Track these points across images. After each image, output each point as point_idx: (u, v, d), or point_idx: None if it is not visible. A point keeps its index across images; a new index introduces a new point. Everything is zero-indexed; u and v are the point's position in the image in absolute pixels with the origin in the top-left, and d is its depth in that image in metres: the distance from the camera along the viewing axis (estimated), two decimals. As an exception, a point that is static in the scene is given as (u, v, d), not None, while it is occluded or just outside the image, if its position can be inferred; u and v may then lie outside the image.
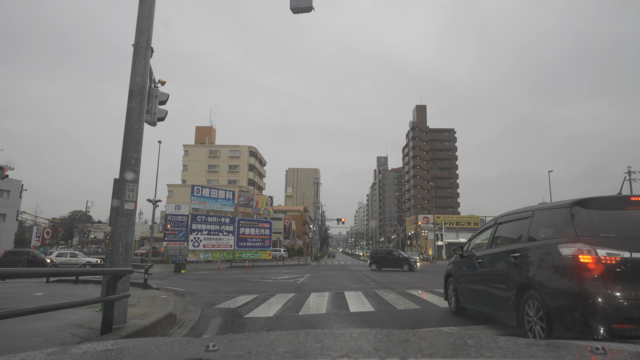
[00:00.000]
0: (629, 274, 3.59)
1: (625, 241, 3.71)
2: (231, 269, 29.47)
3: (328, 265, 37.19)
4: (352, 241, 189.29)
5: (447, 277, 7.22)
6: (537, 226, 4.58)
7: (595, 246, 3.71)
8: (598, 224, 3.96)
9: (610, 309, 3.47)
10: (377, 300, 8.98)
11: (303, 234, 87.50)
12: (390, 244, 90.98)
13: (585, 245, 3.76)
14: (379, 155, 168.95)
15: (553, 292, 3.88)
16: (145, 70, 5.97)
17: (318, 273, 22.00)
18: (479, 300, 5.65)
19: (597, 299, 3.54)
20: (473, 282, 5.93)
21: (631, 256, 3.60)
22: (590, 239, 3.80)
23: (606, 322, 3.46)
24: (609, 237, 3.80)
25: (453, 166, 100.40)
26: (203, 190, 39.92)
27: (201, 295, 10.46)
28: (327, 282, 15.46)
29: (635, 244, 3.67)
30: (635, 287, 3.52)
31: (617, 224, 3.96)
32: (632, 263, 3.59)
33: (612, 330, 3.44)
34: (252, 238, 41.90)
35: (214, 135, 75.50)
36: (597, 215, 4.04)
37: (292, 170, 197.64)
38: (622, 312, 3.45)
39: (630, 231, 3.83)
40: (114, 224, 5.39)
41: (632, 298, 3.48)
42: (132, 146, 5.62)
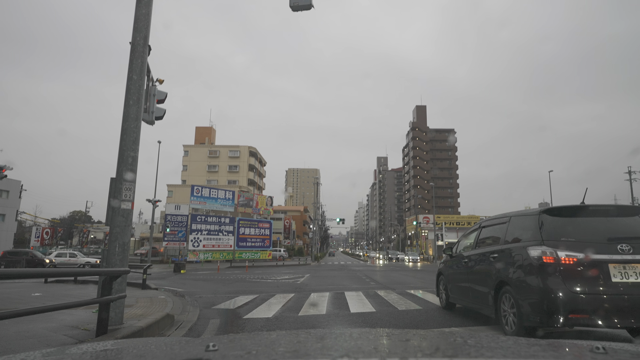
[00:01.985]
0: (583, 273, 4.13)
1: (582, 244, 4.27)
2: (231, 269, 29.37)
3: (328, 265, 37.10)
4: (352, 241, 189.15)
5: (438, 276, 7.81)
6: (512, 230, 5.18)
7: (557, 249, 4.29)
8: (560, 230, 4.53)
9: (568, 302, 4.03)
10: (377, 300, 8.89)
11: (303, 234, 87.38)
12: (391, 244, 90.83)
13: (549, 248, 4.33)
14: (379, 156, 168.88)
15: (523, 288, 4.46)
16: (143, 69, 5.88)
17: (318, 273, 21.92)
18: (465, 296, 6.21)
19: (558, 293, 4.10)
20: (460, 279, 6.48)
21: (585, 257, 4.18)
22: (553, 242, 4.37)
23: (564, 313, 4.03)
24: (568, 241, 4.35)
25: (453, 166, 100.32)
26: (203, 190, 39.83)
27: (200, 295, 10.37)
28: (327, 282, 15.38)
29: (589, 246, 4.23)
30: (587, 283, 4.08)
31: (576, 230, 4.52)
32: (587, 263, 4.14)
33: (569, 319, 4.00)
34: (252, 238, 41.79)
35: (214, 135, 75.42)
36: (560, 222, 4.63)
37: (292, 171, 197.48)
38: (578, 304, 4.02)
39: (586, 235, 4.41)
40: (110, 224, 5.31)
41: (585, 293, 4.05)
42: (129, 145, 5.54)
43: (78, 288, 12.12)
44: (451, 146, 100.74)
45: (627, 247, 4.16)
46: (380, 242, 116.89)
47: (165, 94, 7.21)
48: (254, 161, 70.01)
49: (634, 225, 4.52)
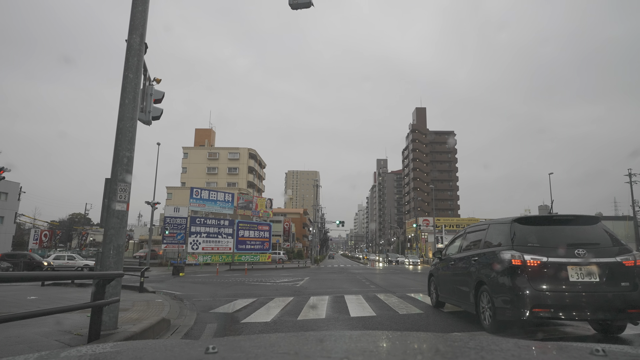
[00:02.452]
0: (545, 273, 4.77)
1: (546, 249, 4.92)
2: (230, 272, 29.20)
3: (328, 268, 36.93)
4: (352, 244, 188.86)
5: (429, 277, 8.44)
6: (490, 236, 5.85)
7: (524, 253, 4.91)
8: (528, 236, 5.14)
9: (533, 298, 4.65)
10: (378, 304, 8.75)
11: (303, 237, 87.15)
12: (390, 247, 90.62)
13: (517, 252, 4.96)
14: (379, 158, 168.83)
15: (497, 287, 5.13)
16: (139, 67, 5.77)
17: (318, 276, 21.77)
18: (452, 295, 6.86)
19: (524, 291, 4.74)
20: (447, 280, 7.14)
21: (547, 260, 4.82)
22: (521, 247, 5.01)
23: (530, 307, 4.63)
24: (534, 246, 4.98)
25: (453, 169, 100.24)
26: (202, 192, 39.67)
27: (198, 299, 10.23)
28: (327, 285, 15.23)
29: (551, 251, 4.88)
30: (549, 282, 4.72)
31: (542, 236, 5.14)
32: (548, 265, 4.79)
33: (534, 313, 4.62)
34: (251, 241, 41.62)
35: (214, 137, 75.31)
36: (528, 229, 5.27)
37: (291, 173, 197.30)
38: (541, 300, 4.65)
39: (550, 241, 5.03)
40: (105, 226, 5.18)
41: (547, 290, 4.70)
42: (125, 145, 5.41)
43: (75, 291, 11.98)
44: (451, 148, 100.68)
45: (583, 252, 4.80)
46: (380, 245, 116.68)
47: (163, 93, 7.10)
48: (253, 163, 69.87)
49: (591, 232, 5.19)
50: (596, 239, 5.09)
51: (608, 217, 59.85)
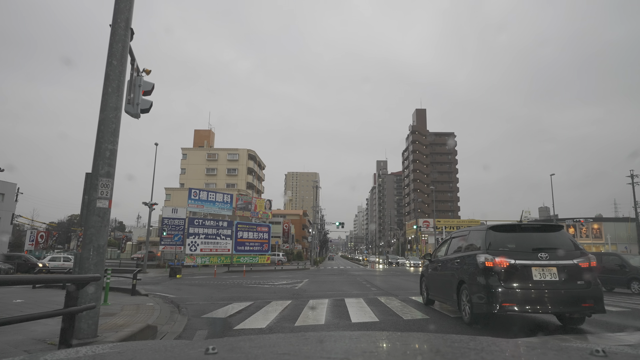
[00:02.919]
0: (513, 273, 5.48)
1: (514, 253, 5.62)
2: (228, 273, 28.77)
3: (327, 269, 36.43)
4: (352, 245, 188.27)
5: (421, 277, 9.21)
6: (469, 241, 6.52)
7: (495, 256, 5.60)
8: (499, 241, 5.83)
9: (502, 294, 5.34)
10: (380, 308, 8.31)
11: (302, 238, 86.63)
12: (391, 249, 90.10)
13: (490, 255, 5.64)
14: (379, 159, 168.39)
15: (473, 285, 5.82)
16: (124, 54, 5.35)
17: (317, 278, 21.32)
18: (439, 293, 7.60)
19: (495, 288, 5.43)
20: (435, 280, 7.87)
21: (515, 262, 5.51)
22: (493, 251, 5.70)
23: (499, 302, 5.31)
24: (504, 250, 5.69)
25: (453, 170, 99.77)
26: (200, 193, 39.24)
27: (192, 302, 9.80)
28: (327, 287, 14.79)
29: (519, 254, 5.59)
30: (516, 281, 5.44)
31: (511, 242, 5.84)
32: (515, 267, 5.49)
33: (503, 307, 5.29)
34: (250, 242, 41.18)
35: (213, 138, 74.87)
36: (500, 236, 5.97)
37: (291, 175, 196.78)
38: (509, 296, 5.34)
39: (518, 246, 5.74)
40: (85, 224, 4.76)
41: (514, 287, 5.40)
42: (107, 136, 4.99)
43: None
44: (451, 150, 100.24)
45: (545, 255, 5.50)
46: (379, 247, 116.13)
47: (152, 84, 6.68)
48: (252, 164, 69.40)
49: (555, 238, 5.87)
50: (558, 244, 5.77)
51: (609, 219, 59.38)
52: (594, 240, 57.10)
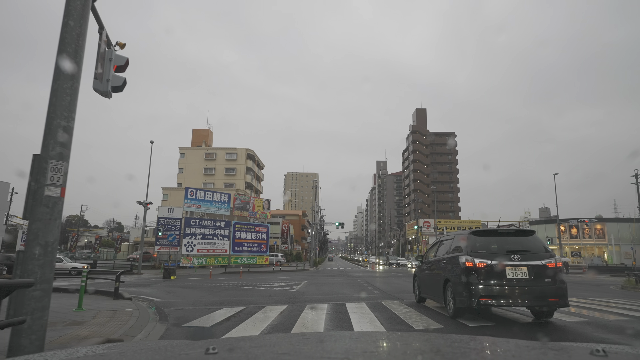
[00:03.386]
0: (489, 272, 6.19)
1: (490, 254, 6.31)
2: (225, 275, 27.91)
3: (327, 270, 35.53)
4: (351, 246, 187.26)
5: (414, 277, 9.87)
6: (454, 244, 7.16)
7: (474, 257, 6.31)
8: (478, 244, 6.50)
9: (480, 291, 6.09)
10: (386, 315, 7.43)
11: (302, 239, 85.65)
12: (391, 249, 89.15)
13: (469, 256, 6.36)
14: (379, 160, 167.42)
15: (456, 282, 6.49)
16: (84, 14, 4.48)
17: (316, 280, 20.43)
18: (429, 291, 8.24)
19: (475, 285, 6.17)
20: (426, 279, 8.51)
21: (491, 262, 6.21)
22: (472, 253, 6.41)
23: (478, 297, 6.05)
24: (482, 252, 6.38)
25: (454, 170, 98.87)
26: (197, 192, 38.36)
27: (178, 307, 8.92)
28: (326, 290, 13.91)
29: (495, 256, 6.28)
30: (492, 279, 6.16)
31: (489, 245, 6.52)
32: (491, 266, 6.20)
33: (480, 302, 6.03)
34: (248, 242, 40.30)
35: (211, 138, 73.94)
36: (479, 239, 6.62)
37: (290, 175, 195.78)
38: (486, 292, 6.10)
39: (494, 249, 6.43)
40: (30, 217, 3.89)
41: (491, 285, 6.14)
42: (60, 111, 4.12)
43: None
44: (452, 150, 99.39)
45: (517, 256, 6.21)
46: (379, 247, 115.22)
47: (126, 59, 5.81)
48: (251, 164, 68.46)
49: (525, 242, 6.57)
50: (529, 247, 6.47)
51: (613, 219, 58.50)
52: (597, 240, 56.25)
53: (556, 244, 48.25)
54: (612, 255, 52.68)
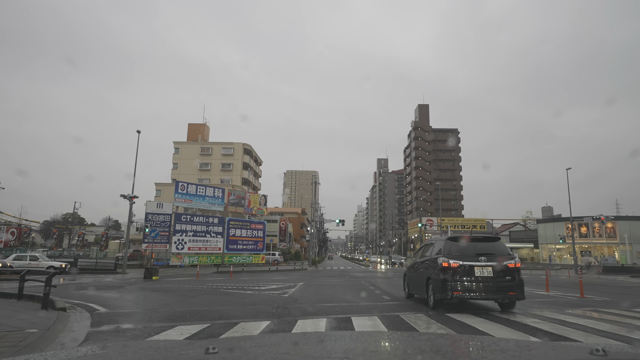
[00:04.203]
0: (462, 271, 7.67)
1: (462, 256, 7.80)
2: (216, 274, 25.54)
3: (327, 270, 33.09)
4: (351, 245, 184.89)
5: (404, 276, 11.02)
6: (436, 248, 8.64)
7: (450, 259, 7.79)
8: (453, 248, 8.02)
9: (453, 286, 7.54)
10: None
11: (301, 237, 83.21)
12: (392, 248, 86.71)
13: (445, 258, 7.84)
14: (380, 157, 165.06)
15: (435, 279, 7.98)
16: None
17: (314, 280, 18.02)
18: (415, 287, 9.57)
19: (449, 282, 7.61)
20: (413, 278, 9.82)
21: (462, 263, 7.68)
22: (448, 255, 7.89)
23: (451, 291, 7.49)
24: (456, 254, 7.86)
25: (457, 167, 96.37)
26: (189, 187, 35.87)
27: (121, 322, 6.51)
28: (325, 295, 11.49)
29: (466, 258, 7.77)
30: (463, 276, 7.61)
31: (461, 248, 8.02)
32: (463, 266, 7.67)
33: (453, 295, 7.47)
34: (243, 240, 37.85)
35: (208, 133, 71.46)
36: (454, 244, 8.16)
37: (290, 173, 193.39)
38: (458, 287, 7.53)
39: (465, 251, 7.93)
40: None
41: (462, 281, 7.57)
42: None
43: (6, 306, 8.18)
44: (454, 146, 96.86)
45: (484, 258, 7.71)
46: (380, 246, 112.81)
47: None
48: (248, 159, 65.97)
49: (492, 246, 8.10)
50: (495, 250, 7.94)
51: (624, 217, 56.03)
52: (608, 240, 53.90)
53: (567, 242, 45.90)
54: (626, 255, 50.26)
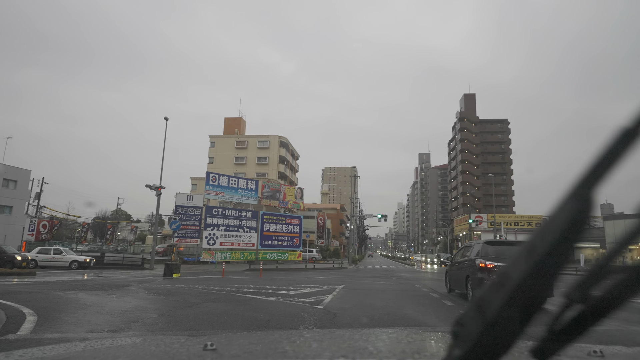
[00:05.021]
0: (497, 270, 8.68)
1: (497, 258, 9.07)
2: (248, 272, 22.93)
3: (368, 270, 29.68)
4: (391, 244, 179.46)
5: (446, 274, 12.84)
6: (474, 250, 10.05)
7: (486, 260, 9.06)
8: (489, 251, 9.41)
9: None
10: None
11: (340, 234, 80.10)
12: (437, 246, 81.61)
13: (482, 259, 9.15)
14: (421, 152, 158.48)
15: (474, 277, 9.24)
16: None
17: (357, 282, 14.82)
18: (456, 284, 10.99)
19: (486, 280, 8.65)
20: (454, 275, 11.34)
21: (498, 264, 8.85)
22: (485, 257, 9.22)
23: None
24: (492, 256, 9.17)
25: (507, 161, 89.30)
26: (220, 178, 33.62)
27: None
28: (375, 306, 8.26)
29: (501, 259, 8.92)
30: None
31: (497, 251, 9.41)
32: (498, 267, 8.75)
33: None
34: (278, 236, 35.22)
35: (244, 127, 69.93)
36: (490, 247, 9.62)
37: (328, 170, 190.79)
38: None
39: (500, 254, 9.20)
40: None
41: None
42: None
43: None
44: (504, 138, 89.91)
45: None
46: (423, 245, 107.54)
47: None
48: (284, 152, 63.65)
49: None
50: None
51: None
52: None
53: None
54: None
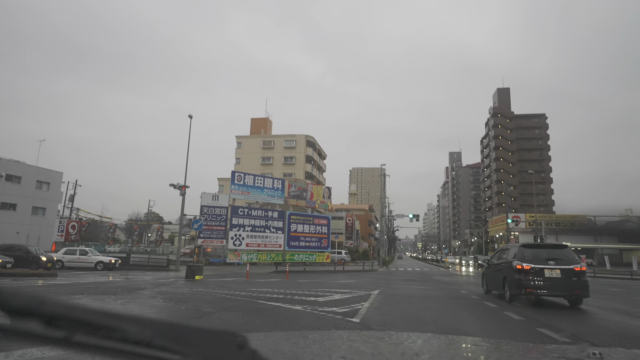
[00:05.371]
0: (533, 272, 9.30)
1: (534, 260, 9.44)
2: (274, 274, 21.74)
3: (400, 272, 27.89)
4: (421, 246, 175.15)
5: (482, 275, 13.11)
6: (511, 253, 10.36)
7: (522, 262, 9.39)
8: (526, 253, 9.70)
9: (526, 284, 9.29)
10: None
11: (369, 236, 78.19)
12: (471, 248, 78.24)
13: (519, 262, 9.46)
14: (452, 151, 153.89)
15: (511, 279, 9.67)
16: None
17: (393, 287, 13.26)
18: (493, 285, 11.49)
19: (522, 281, 9.27)
20: (491, 276, 11.81)
21: (534, 266, 9.27)
22: (522, 259, 9.53)
23: (524, 288, 9.24)
24: (528, 258, 9.50)
25: (545, 158, 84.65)
26: (246, 177, 32.73)
27: None
28: (425, 321, 6.74)
29: (537, 261, 9.38)
30: (535, 276, 9.30)
31: (533, 253, 9.73)
32: (534, 269, 9.27)
33: (527, 292, 9.26)
34: (306, 237, 33.98)
35: (271, 127, 69.35)
36: (527, 250, 9.89)
37: (356, 170, 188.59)
38: (530, 285, 9.24)
39: (537, 256, 9.58)
40: None
41: (534, 280, 9.28)
42: None
43: None
44: (542, 134, 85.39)
45: (553, 262, 9.35)
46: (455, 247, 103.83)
47: None
48: (311, 152, 62.51)
49: (559, 253, 9.79)
50: (563, 256, 9.58)
51: None
52: None
53: None
54: None
